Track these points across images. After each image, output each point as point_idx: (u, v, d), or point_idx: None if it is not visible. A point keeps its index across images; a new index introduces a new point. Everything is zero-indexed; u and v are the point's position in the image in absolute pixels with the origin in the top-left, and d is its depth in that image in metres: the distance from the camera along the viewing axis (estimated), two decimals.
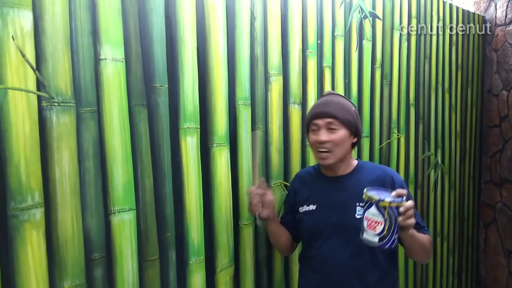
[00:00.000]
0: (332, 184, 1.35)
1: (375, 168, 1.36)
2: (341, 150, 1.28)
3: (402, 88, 2.24)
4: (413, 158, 2.36)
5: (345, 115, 1.28)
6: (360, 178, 1.32)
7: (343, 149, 1.29)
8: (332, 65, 1.82)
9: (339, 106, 1.30)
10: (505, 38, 2.74)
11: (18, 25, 0.96)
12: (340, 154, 1.29)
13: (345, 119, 1.28)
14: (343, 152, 1.30)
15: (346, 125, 1.28)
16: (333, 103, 1.31)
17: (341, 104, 1.31)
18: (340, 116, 1.27)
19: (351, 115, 1.30)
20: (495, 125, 2.89)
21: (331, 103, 1.31)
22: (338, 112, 1.28)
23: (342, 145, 1.28)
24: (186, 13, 1.28)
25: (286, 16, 1.61)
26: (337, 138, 1.27)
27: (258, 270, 1.55)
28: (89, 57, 1.08)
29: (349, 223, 1.26)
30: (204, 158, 1.35)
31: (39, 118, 1.00)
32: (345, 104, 1.32)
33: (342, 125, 1.27)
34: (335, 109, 1.28)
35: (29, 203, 0.99)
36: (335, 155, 1.28)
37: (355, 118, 1.32)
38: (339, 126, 1.27)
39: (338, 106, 1.29)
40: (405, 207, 1.06)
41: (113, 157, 1.14)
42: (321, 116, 1.28)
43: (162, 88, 1.24)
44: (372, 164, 1.43)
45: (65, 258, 1.05)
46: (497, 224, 2.87)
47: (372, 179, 1.30)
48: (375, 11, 2.02)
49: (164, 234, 1.26)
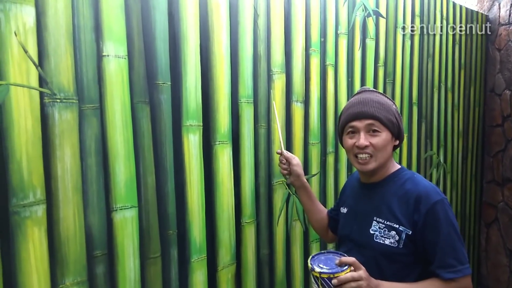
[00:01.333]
0: (363, 190, 1.24)
1: (409, 181, 1.15)
2: (383, 155, 1.14)
3: (405, 87, 2.23)
4: (416, 157, 2.36)
5: (387, 116, 1.13)
6: (388, 189, 1.16)
7: (386, 153, 1.14)
8: (335, 63, 1.81)
9: (380, 105, 1.14)
10: (509, 37, 2.73)
11: (20, 21, 0.95)
12: (382, 159, 1.14)
13: (388, 120, 1.13)
14: (385, 157, 1.15)
15: (388, 127, 1.13)
16: (372, 102, 1.15)
17: (382, 103, 1.15)
18: (382, 117, 1.12)
19: (393, 115, 1.15)
20: (498, 125, 2.88)
21: (370, 102, 1.15)
22: (380, 113, 1.13)
23: (384, 149, 1.13)
24: (189, 10, 1.27)
25: (289, 14, 1.60)
26: (380, 142, 1.12)
27: (259, 268, 1.55)
28: (91, 54, 1.08)
29: (362, 236, 1.17)
30: (207, 155, 1.35)
31: (41, 114, 1.00)
32: (385, 102, 1.16)
33: (384, 127, 1.13)
34: (376, 108, 1.13)
35: (31, 200, 0.98)
36: (377, 160, 1.14)
37: (398, 118, 1.17)
38: (381, 128, 1.12)
39: (379, 106, 1.14)
40: (339, 280, 0.93)
41: (115, 154, 1.13)
42: (360, 117, 1.14)
43: (164, 85, 1.23)
44: (411, 174, 1.18)
45: (66, 255, 1.05)
46: (499, 223, 2.87)
47: (400, 193, 1.13)
48: (379, 9, 2.01)
49: (166, 232, 1.26)
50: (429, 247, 1.07)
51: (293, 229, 1.67)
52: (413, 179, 1.15)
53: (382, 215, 1.14)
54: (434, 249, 1.06)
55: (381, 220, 1.13)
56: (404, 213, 1.10)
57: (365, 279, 0.96)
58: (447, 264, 1.05)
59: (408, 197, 1.11)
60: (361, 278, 0.95)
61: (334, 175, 1.85)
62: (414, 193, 1.10)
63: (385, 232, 1.12)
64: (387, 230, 1.11)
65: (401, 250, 1.09)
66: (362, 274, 0.96)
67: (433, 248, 1.07)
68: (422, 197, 1.08)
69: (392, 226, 1.11)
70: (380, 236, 1.12)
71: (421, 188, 1.10)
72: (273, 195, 1.59)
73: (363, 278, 0.96)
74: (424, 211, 1.07)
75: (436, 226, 1.06)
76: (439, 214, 1.06)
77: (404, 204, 1.11)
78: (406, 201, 1.11)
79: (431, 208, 1.06)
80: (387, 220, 1.12)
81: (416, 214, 1.08)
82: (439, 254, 1.06)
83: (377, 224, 1.14)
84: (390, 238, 1.10)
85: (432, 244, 1.07)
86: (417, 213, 1.08)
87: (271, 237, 1.59)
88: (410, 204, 1.10)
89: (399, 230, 1.09)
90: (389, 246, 1.10)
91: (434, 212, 1.06)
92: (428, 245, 1.08)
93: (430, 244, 1.07)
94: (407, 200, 1.11)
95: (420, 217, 1.07)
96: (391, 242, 1.10)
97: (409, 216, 1.09)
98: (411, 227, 1.08)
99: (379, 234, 1.13)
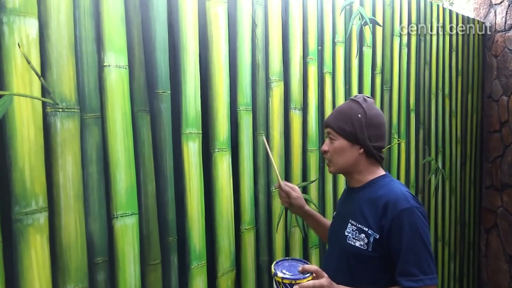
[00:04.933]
0: (347, 195, 1.32)
1: (384, 187, 1.18)
2: (341, 160, 1.21)
3: (403, 94, 2.25)
4: (414, 163, 2.37)
5: (339, 124, 1.20)
6: (365, 194, 1.20)
7: (344, 159, 1.20)
8: (332, 71, 1.83)
9: (338, 114, 1.23)
10: (505, 44, 2.76)
11: (24, 32, 0.98)
12: (340, 163, 1.21)
13: (339, 128, 1.20)
14: (344, 162, 1.21)
15: (341, 134, 1.20)
16: (336, 112, 1.25)
17: (342, 113, 1.22)
18: (333, 126, 1.21)
19: (348, 124, 1.19)
20: (496, 131, 2.89)
21: (334, 112, 1.26)
22: (334, 122, 1.22)
23: (341, 155, 1.20)
24: (189, 21, 1.30)
25: (287, 23, 1.63)
26: (333, 149, 1.21)
27: (259, 274, 1.56)
28: (93, 64, 1.10)
29: (338, 238, 1.23)
30: (206, 163, 1.37)
31: (44, 123, 1.02)
32: (346, 112, 1.21)
33: (338, 135, 1.20)
34: (333, 118, 1.23)
35: (33, 207, 1.00)
36: (334, 164, 1.23)
37: (355, 126, 1.18)
38: (335, 136, 1.21)
39: (337, 115, 1.23)
40: (301, 286, 0.98)
41: (116, 162, 1.15)
42: (325, 126, 1.27)
43: (164, 94, 1.26)
44: (388, 182, 1.20)
45: (68, 262, 1.06)
46: (498, 229, 2.87)
47: (373, 198, 1.17)
48: (375, 17, 2.04)
49: (166, 239, 1.27)
50: (393, 254, 1.10)
51: (292, 235, 1.68)
52: (388, 185, 1.18)
53: (355, 218, 1.18)
54: (397, 256, 1.09)
55: (354, 222, 1.18)
56: (373, 217, 1.14)
57: (327, 287, 1.01)
58: (408, 272, 1.07)
59: (379, 202, 1.14)
60: (322, 286, 1.00)
61: (333, 182, 1.86)
62: (384, 199, 1.13)
63: (356, 234, 1.16)
64: (358, 233, 1.16)
65: (370, 253, 1.12)
66: (324, 282, 1.01)
67: (397, 255, 1.09)
68: (390, 203, 1.11)
69: (362, 229, 1.15)
70: (352, 238, 1.17)
71: (392, 195, 1.13)
72: (272, 201, 1.60)
73: (324, 286, 1.00)
74: (391, 217, 1.10)
75: (400, 234, 1.08)
76: (404, 221, 1.08)
77: (374, 209, 1.15)
78: (376, 206, 1.14)
79: (398, 215, 1.09)
80: (358, 223, 1.17)
81: (383, 219, 1.11)
82: (402, 262, 1.08)
83: (351, 226, 1.18)
84: (360, 240, 1.15)
85: (396, 250, 1.09)
86: (384, 218, 1.11)
87: (271, 243, 1.60)
88: (379, 209, 1.13)
89: (368, 233, 1.13)
90: (359, 248, 1.14)
91: (400, 219, 1.08)
92: (393, 252, 1.10)
93: (395, 250, 1.10)
94: (377, 205, 1.14)
95: (387, 222, 1.10)
96: (361, 244, 1.14)
97: (378, 220, 1.12)
98: (379, 231, 1.12)
99: (351, 236, 1.17)
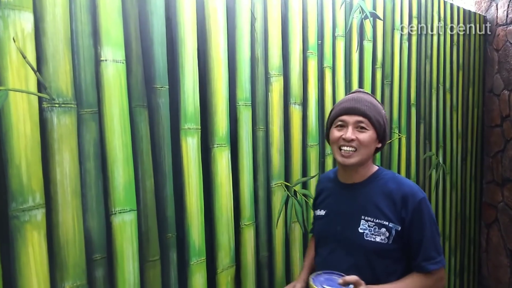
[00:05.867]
0: (344, 191, 1.27)
1: (392, 181, 1.21)
2: (366, 151, 1.19)
3: (403, 88, 2.24)
4: (415, 158, 2.36)
5: (376, 116, 1.19)
6: (372, 189, 1.21)
7: (368, 151, 1.19)
8: (332, 65, 1.82)
9: (371, 105, 1.20)
10: (506, 38, 2.74)
11: (19, 27, 0.96)
12: (364, 155, 1.19)
13: (376, 120, 1.19)
14: (367, 154, 1.20)
15: (375, 126, 1.19)
16: (365, 101, 1.20)
17: (373, 104, 1.21)
18: (371, 116, 1.18)
19: (381, 118, 1.21)
20: (497, 125, 2.88)
21: (362, 101, 1.20)
22: (370, 112, 1.18)
23: (368, 147, 1.19)
24: (187, 14, 1.28)
25: (286, 16, 1.61)
26: (366, 138, 1.17)
27: (259, 270, 1.56)
28: (89, 59, 1.09)
29: (351, 235, 1.19)
30: (205, 158, 1.35)
31: (40, 119, 1.01)
32: (376, 104, 1.22)
33: (372, 125, 1.18)
34: (367, 107, 1.19)
35: (30, 204, 0.99)
36: (360, 155, 1.18)
37: (385, 122, 1.23)
38: (369, 126, 1.18)
39: (370, 105, 1.20)
40: None
41: (114, 158, 1.14)
42: (351, 113, 1.19)
43: (162, 89, 1.24)
44: (392, 174, 1.25)
45: (66, 259, 1.06)
46: (499, 224, 2.87)
47: (386, 191, 1.19)
48: (376, 11, 2.02)
49: (165, 235, 1.26)
50: (414, 242, 1.16)
51: (292, 231, 1.67)
52: (396, 179, 1.23)
53: (370, 213, 1.19)
54: (419, 243, 1.15)
55: (369, 218, 1.18)
56: (392, 210, 1.17)
57: None
58: (430, 256, 1.15)
59: (395, 195, 1.18)
60: None
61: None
62: (400, 192, 1.17)
63: (375, 230, 1.17)
64: (377, 228, 1.17)
65: (391, 246, 1.16)
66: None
67: (418, 242, 1.15)
68: (409, 195, 1.16)
69: (382, 224, 1.16)
70: (370, 234, 1.17)
71: (406, 187, 1.18)
72: (272, 197, 1.59)
73: None
74: (412, 208, 1.15)
75: (421, 222, 1.15)
76: (423, 210, 1.16)
77: (391, 202, 1.17)
78: (393, 199, 1.17)
79: (417, 206, 1.15)
80: (376, 218, 1.17)
81: (403, 211, 1.16)
82: (424, 248, 1.15)
83: (366, 223, 1.18)
84: (380, 235, 1.16)
85: (417, 238, 1.15)
86: (405, 210, 1.16)
87: (270, 239, 1.60)
88: (397, 202, 1.17)
89: (389, 226, 1.16)
90: (380, 243, 1.16)
91: (420, 208, 1.16)
92: (413, 240, 1.16)
93: (416, 238, 1.15)
94: (394, 198, 1.17)
95: (407, 214, 1.15)
96: (381, 239, 1.16)
97: (397, 213, 1.16)
98: (400, 223, 1.16)
99: (369, 232, 1.17)
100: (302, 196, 1.71)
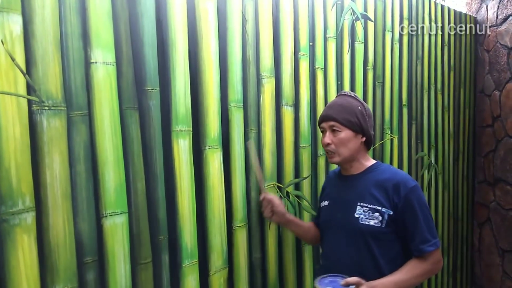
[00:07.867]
0: (344, 182, 1.43)
1: (387, 171, 1.37)
2: (345, 150, 1.34)
3: (395, 89, 2.25)
4: (407, 158, 2.37)
5: (345, 117, 1.33)
6: (368, 179, 1.36)
7: (348, 148, 1.35)
8: (324, 67, 1.83)
9: (341, 108, 1.35)
10: (497, 39, 2.76)
11: (7, 29, 0.96)
12: (345, 153, 1.35)
13: (346, 120, 1.33)
14: (349, 151, 1.35)
15: (347, 126, 1.33)
16: (335, 106, 1.37)
17: (343, 106, 1.36)
18: (339, 119, 1.33)
19: (353, 116, 1.34)
20: (488, 125, 2.90)
21: (333, 106, 1.38)
22: (338, 115, 1.33)
23: (346, 145, 1.34)
24: (178, 16, 1.28)
25: (277, 18, 1.61)
26: (339, 139, 1.33)
27: (252, 272, 1.55)
28: (79, 61, 1.08)
29: (349, 221, 1.33)
30: (197, 160, 1.35)
31: (30, 122, 1.00)
32: (347, 105, 1.36)
33: (343, 126, 1.33)
34: (336, 111, 1.34)
35: (20, 207, 0.98)
36: (340, 154, 1.35)
37: (359, 117, 1.35)
38: (341, 127, 1.33)
39: (339, 108, 1.35)
40: None
41: (104, 161, 1.13)
42: (325, 119, 1.37)
43: (153, 91, 1.24)
44: (387, 166, 1.42)
45: (57, 262, 1.05)
46: (491, 223, 2.89)
47: (380, 181, 1.33)
48: (367, 13, 2.03)
49: (156, 237, 1.26)
50: (408, 226, 1.28)
51: (285, 232, 1.67)
52: (390, 169, 1.39)
53: (365, 200, 1.32)
54: (414, 227, 1.27)
55: (364, 204, 1.32)
56: (385, 197, 1.30)
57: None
58: (426, 239, 1.27)
59: (387, 183, 1.31)
60: None
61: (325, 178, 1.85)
62: (393, 180, 1.31)
63: (369, 215, 1.30)
64: (371, 213, 1.30)
65: (384, 229, 1.29)
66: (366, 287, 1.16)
67: (413, 226, 1.27)
68: (401, 183, 1.30)
69: (375, 209, 1.30)
70: (365, 218, 1.31)
71: (399, 176, 1.34)
72: None
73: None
74: (403, 194, 1.28)
75: (414, 208, 1.27)
76: (415, 196, 1.29)
77: (384, 189, 1.31)
78: (386, 187, 1.31)
79: (409, 192, 1.28)
80: (370, 204, 1.31)
81: (395, 197, 1.29)
82: (419, 232, 1.27)
83: (361, 208, 1.32)
84: (374, 219, 1.29)
85: (412, 222, 1.27)
86: (397, 196, 1.28)
87: (263, 240, 1.60)
88: (389, 189, 1.30)
89: (382, 211, 1.29)
90: (374, 226, 1.29)
91: (411, 194, 1.28)
92: (408, 224, 1.28)
93: (410, 222, 1.28)
94: (386, 186, 1.31)
95: (400, 200, 1.28)
96: (375, 223, 1.29)
97: (390, 199, 1.29)
98: (392, 208, 1.29)
99: (364, 217, 1.31)
100: (295, 197, 1.71)
